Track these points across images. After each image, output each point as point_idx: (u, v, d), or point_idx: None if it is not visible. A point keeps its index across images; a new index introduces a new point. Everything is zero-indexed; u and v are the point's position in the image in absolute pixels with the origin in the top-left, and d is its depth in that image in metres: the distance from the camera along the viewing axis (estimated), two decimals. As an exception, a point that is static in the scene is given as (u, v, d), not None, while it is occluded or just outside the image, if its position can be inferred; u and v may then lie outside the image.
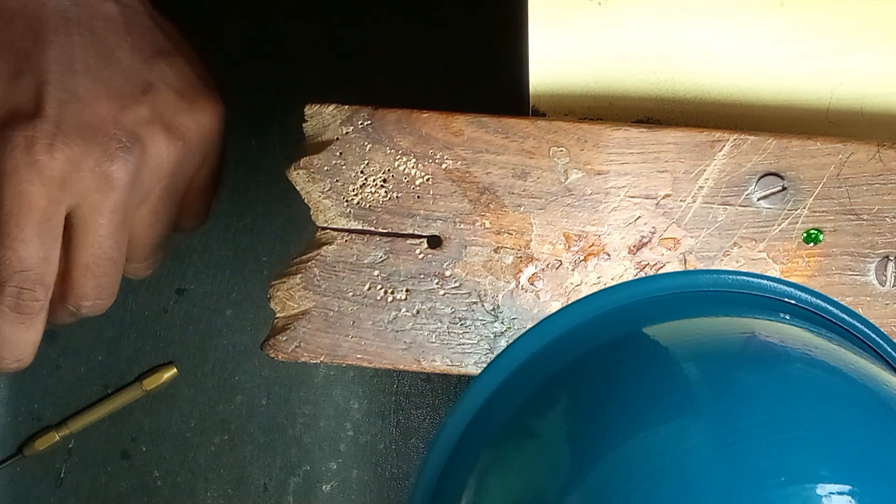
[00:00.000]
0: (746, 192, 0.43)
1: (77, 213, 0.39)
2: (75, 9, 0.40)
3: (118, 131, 0.39)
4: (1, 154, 0.37)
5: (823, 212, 0.43)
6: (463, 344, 0.44)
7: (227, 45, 0.80)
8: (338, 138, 0.43)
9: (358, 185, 0.44)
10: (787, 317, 0.36)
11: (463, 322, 0.44)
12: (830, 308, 0.37)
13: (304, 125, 0.44)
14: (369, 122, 0.43)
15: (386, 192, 0.44)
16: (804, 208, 0.43)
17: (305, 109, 0.44)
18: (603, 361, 0.34)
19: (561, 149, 0.43)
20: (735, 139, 0.43)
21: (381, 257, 0.44)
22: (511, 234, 0.44)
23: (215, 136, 0.43)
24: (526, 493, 0.31)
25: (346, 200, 0.44)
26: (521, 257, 0.44)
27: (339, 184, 0.44)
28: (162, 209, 0.42)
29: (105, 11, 0.40)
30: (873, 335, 0.37)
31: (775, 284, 0.37)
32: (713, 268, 0.43)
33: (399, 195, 0.44)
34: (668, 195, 0.43)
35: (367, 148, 0.43)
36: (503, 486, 0.33)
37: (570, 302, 0.41)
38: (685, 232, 0.43)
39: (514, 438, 0.34)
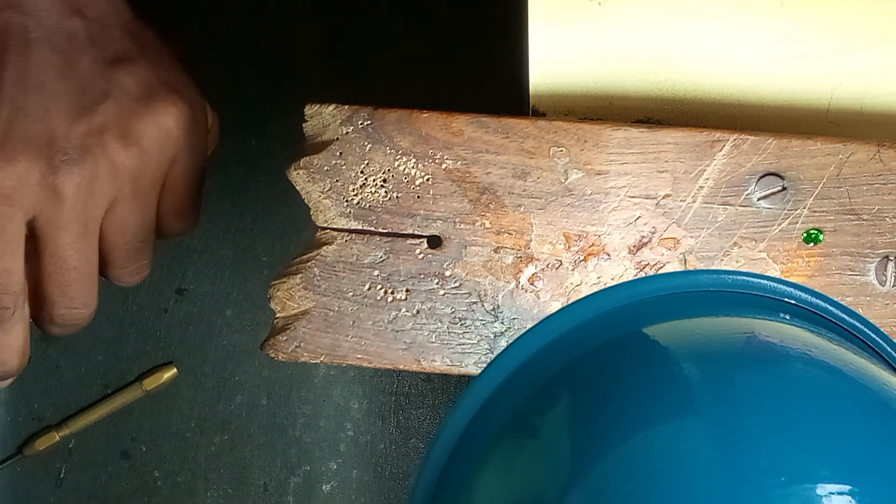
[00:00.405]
0: (746, 192, 0.43)
1: (35, 225, 0.40)
2: (38, 28, 0.40)
3: (67, 144, 0.39)
4: None
5: (823, 212, 0.43)
6: (463, 344, 0.44)
7: (227, 45, 0.80)
8: (338, 138, 0.43)
9: (358, 185, 0.44)
10: (787, 317, 0.36)
11: (463, 322, 0.44)
12: (830, 308, 0.37)
13: (304, 125, 0.44)
14: (369, 122, 0.43)
15: (386, 192, 0.44)
16: (804, 208, 0.43)
17: (305, 109, 0.44)
18: (603, 361, 0.34)
19: (561, 149, 0.43)
20: (735, 139, 0.43)
21: (381, 257, 0.44)
22: (511, 234, 0.44)
23: (179, 135, 0.43)
24: (526, 493, 0.31)
25: (346, 200, 0.44)
26: (521, 257, 0.44)
27: (339, 184, 0.44)
28: (131, 214, 0.42)
29: (68, 28, 0.41)
30: (873, 335, 0.37)
31: (775, 284, 0.37)
32: (713, 268, 0.43)
33: (399, 195, 0.44)
34: (668, 195, 0.43)
35: (367, 148, 0.43)
36: (503, 485, 0.33)
37: (570, 302, 0.41)
38: (685, 232, 0.43)
39: (514, 438, 0.34)
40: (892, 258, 0.43)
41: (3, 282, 0.39)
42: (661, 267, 0.43)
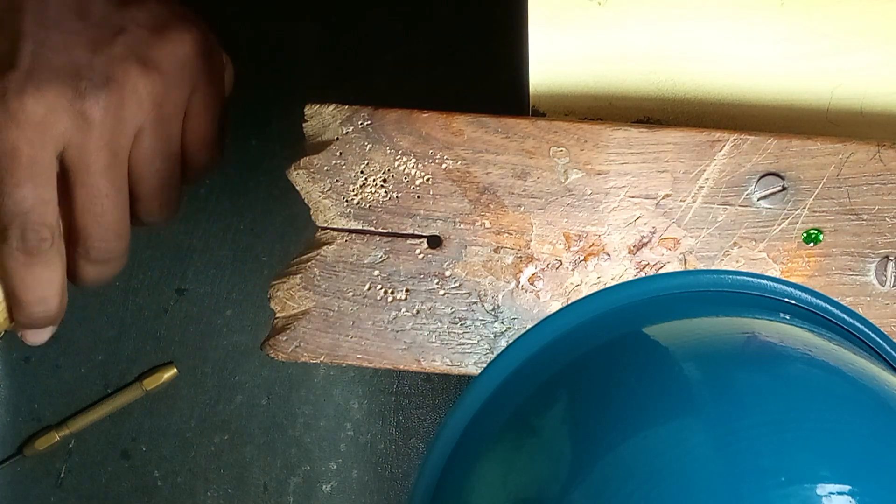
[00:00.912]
0: (746, 192, 0.43)
1: (65, 156, 0.40)
2: None
3: (91, 73, 0.40)
4: None
5: (823, 212, 0.43)
6: (463, 344, 0.44)
7: (227, 46, 0.80)
8: (338, 138, 0.43)
9: (358, 185, 0.44)
10: (787, 317, 0.36)
11: (463, 322, 0.44)
12: (830, 308, 0.37)
13: (304, 125, 0.44)
14: (369, 122, 0.43)
15: (386, 192, 0.44)
16: (804, 208, 0.43)
17: (305, 109, 0.44)
18: (603, 361, 0.34)
19: (561, 149, 0.43)
20: (735, 139, 0.43)
21: (381, 257, 0.44)
22: (511, 234, 0.44)
23: (196, 61, 0.44)
24: (526, 493, 0.31)
25: (346, 200, 0.44)
26: (521, 257, 0.44)
27: (339, 184, 0.44)
28: (158, 142, 0.43)
29: None
30: (873, 335, 0.37)
31: (775, 284, 0.37)
32: (713, 268, 0.43)
33: (399, 195, 0.44)
34: (668, 195, 0.43)
35: (367, 148, 0.43)
36: (503, 486, 0.33)
37: (570, 302, 0.41)
38: (685, 232, 0.43)
39: (515, 438, 0.34)
40: (892, 258, 0.43)
41: (39, 212, 0.40)
42: (661, 267, 0.43)
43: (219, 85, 0.46)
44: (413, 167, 0.43)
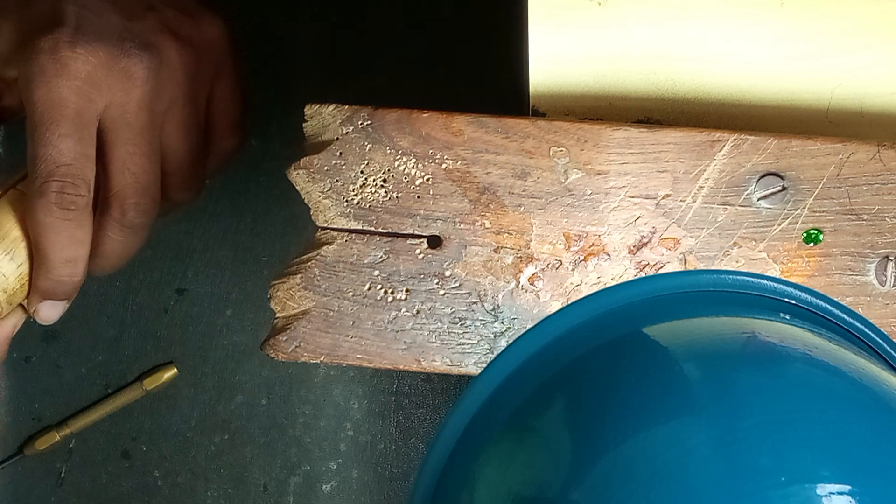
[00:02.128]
0: (746, 192, 0.43)
1: (107, 114, 0.41)
2: None
3: (132, 36, 0.42)
4: (28, 61, 0.40)
5: (823, 212, 0.43)
6: (463, 344, 0.44)
7: (228, 45, 0.80)
8: (338, 138, 0.43)
9: (358, 185, 0.44)
10: (787, 317, 0.36)
11: (463, 322, 0.44)
12: (830, 308, 0.37)
13: (304, 125, 0.44)
14: (369, 122, 0.43)
15: (386, 192, 0.44)
16: (804, 208, 0.43)
17: (305, 109, 0.44)
18: (603, 361, 0.34)
19: (561, 149, 0.43)
20: (735, 139, 0.43)
21: (381, 257, 0.44)
22: (511, 234, 0.44)
23: (223, 45, 0.45)
24: (526, 493, 0.31)
25: (346, 200, 0.44)
26: (521, 257, 0.44)
27: (339, 184, 0.44)
28: (189, 118, 0.44)
29: None
30: (873, 335, 0.37)
31: (775, 284, 0.37)
32: (713, 268, 0.43)
33: (399, 195, 0.44)
34: (668, 195, 0.43)
35: (367, 148, 0.43)
36: (503, 486, 0.33)
37: (570, 302, 0.41)
38: (685, 232, 0.43)
39: (515, 439, 0.34)
40: (892, 258, 0.43)
41: (80, 166, 0.40)
42: (661, 267, 0.43)
43: (242, 71, 0.47)
44: (413, 167, 0.43)
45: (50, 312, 0.43)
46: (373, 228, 0.44)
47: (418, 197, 0.44)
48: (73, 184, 0.40)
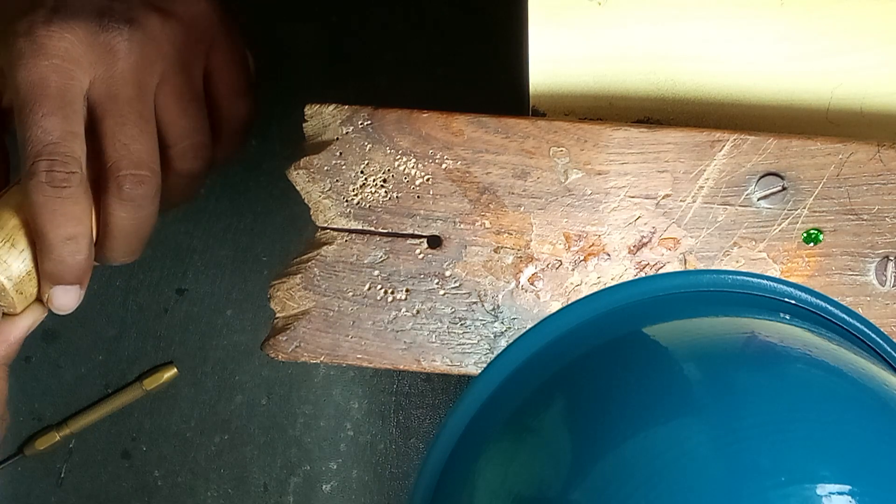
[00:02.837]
0: (746, 192, 0.43)
1: (92, 90, 0.41)
2: None
3: (112, 13, 0.42)
4: (8, 46, 0.40)
5: (823, 212, 0.43)
6: (463, 344, 0.44)
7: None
8: (338, 138, 0.43)
9: (358, 185, 0.44)
10: (787, 317, 0.36)
11: (463, 322, 0.44)
12: (830, 308, 0.37)
13: (304, 125, 0.44)
14: (369, 122, 0.43)
15: (386, 192, 0.44)
16: (804, 208, 0.43)
17: (305, 109, 0.44)
18: (603, 361, 0.34)
19: (561, 149, 0.43)
20: (735, 139, 0.43)
21: (381, 257, 0.44)
22: (511, 234, 0.44)
23: (211, 16, 0.45)
24: (526, 494, 0.31)
25: (346, 200, 0.44)
26: (521, 257, 0.44)
27: (339, 184, 0.44)
28: (183, 88, 0.44)
29: None
30: (873, 335, 0.37)
31: (775, 284, 0.37)
32: (713, 268, 0.43)
33: (399, 195, 0.44)
34: (668, 195, 0.43)
35: (367, 148, 0.43)
36: (503, 486, 0.33)
37: (570, 302, 0.41)
38: (685, 232, 0.43)
39: (515, 439, 0.34)
40: (892, 258, 0.43)
41: (67, 143, 0.40)
42: (661, 267, 0.43)
43: (237, 42, 0.47)
44: (413, 167, 0.43)
45: (63, 299, 0.42)
46: (373, 228, 0.44)
47: (418, 197, 0.44)
48: (62, 161, 0.39)
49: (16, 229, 0.41)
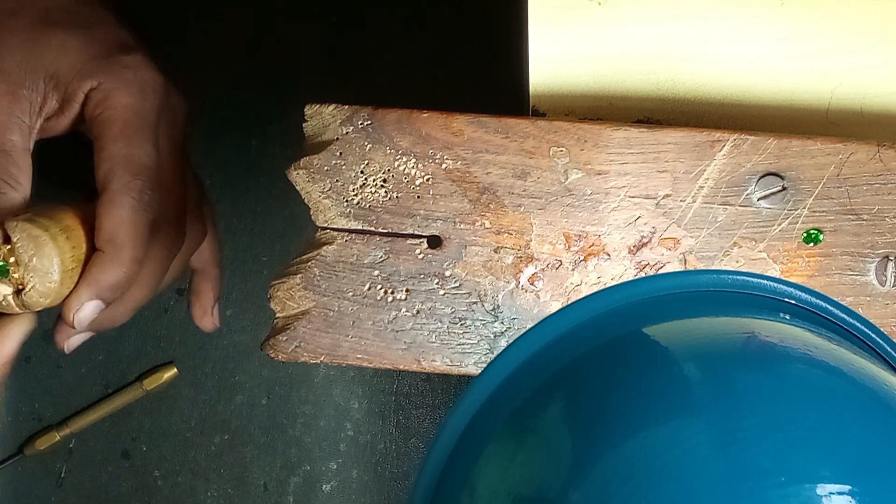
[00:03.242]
0: (746, 192, 0.43)
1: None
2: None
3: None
4: (115, 74, 0.43)
5: (823, 212, 0.43)
6: (463, 344, 0.44)
7: (228, 46, 0.80)
8: (338, 138, 0.43)
9: (358, 185, 0.44)
10: (787, 317, 0.36)
11: (463, 322, 0.44)
12: (830, 308, 0.37)
13: (304, 125, 0.44)
14: (369, 122, 0.43)
15: (386, 192, 0.44)
16: (804, 208, 0.43)
17: (305, 109, 0.44)
18: (603, 361, 0.34)
19: (561, 149, 0.43)
20: (735, 139, 0.43)
21: (381, 257, 0.44)
22: (511, 234, 0.44)
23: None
24: (526, 493, 0.31)
25: (346, 200, 0.44)
26: (521, 257, 0.44)
27: (339, 184, 0.44)
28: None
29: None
30: (873, 335, 0.37)
31: (775, 284, 0.37)
32: (713, 268, 0.43)
33: (399, 195, 0.44)
34: (668, 195, 0.43)
35: (367, 148, 0.43)
36: (503, 486, 0.33)
37: (570, 302, 0.41)
38: (685, 232, 0.43)
39: (515, 439, 0.34)
40: (892, 258, 0.43)
41: (156, 176, 0.41)
42: (661, 267, 0.43)
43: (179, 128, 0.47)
44: (413, 167, 0.43)
45: (89, 315, 0.43)
46: (373, 228, 0.44)
47: (418, 197, 0.44)
48: (152, 189, 0.41)
49: (73, 229, 0.42)
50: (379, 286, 0.44)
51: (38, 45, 0.43)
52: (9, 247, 0.41)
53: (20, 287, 0.42)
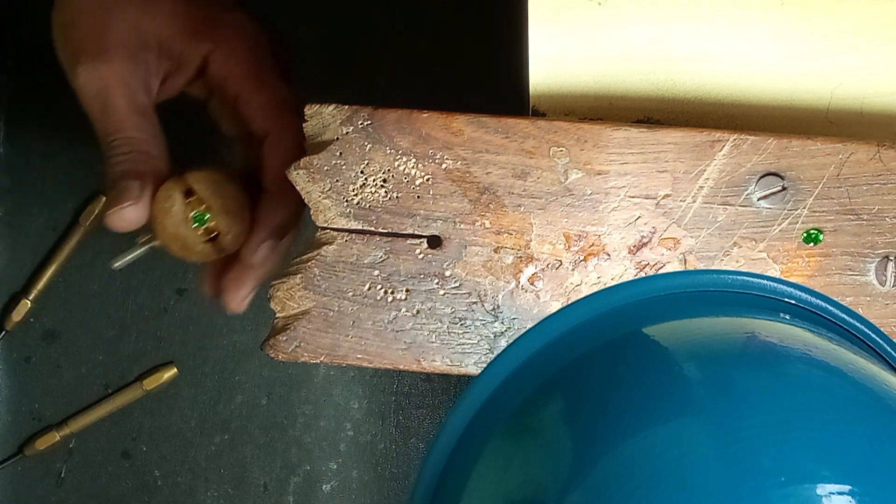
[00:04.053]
0: (746, 192, 0.43)
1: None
2: None
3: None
4: (228, 36, 0.48)
5: (823, 212, 0.43)
6: (463, 344, 0.44)
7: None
8: (338, 138, 0.43)
9: (358, 185, 0.44)
10: (787, 317, 0.36)
11: (463, 322, 0.44)
12: (830, 308, 0.37)
13: (304, 125, 0.44)
14: (369, 122, 0.43)
15: (386, 192, 0.44)
16: (804, 208, 0.43)
17: (305, 109, 0.44)
18: (603, 361, 0.34)
19: (561, 149, 0.43)
20: (735, 139, 0.43)
21: (381, 257, 0.44)
22: (511, 234, 0.44)
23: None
24: (526, 493, 0.31)
25: (346, 200, 0.44)
26: (521, 257, 0.44)
27: (339, 184, 0.44)
28: None
29: None
30: (873, 335, 0.37)
31: (775, 284, 0.37)
32: (713, 268, 0.43)
33: (399, 195, 0.44)
34: (668, 195, 0.43)
35: (367, 148, 0.43)
36: (503, 486, 0.33)
37: (570, 302, 0.41)
38: (685, 232, 0.43)
39: (515, 438, 0.34)
40: (892, 258, 0.43)
41: None
42: (661, 267, 0.43)
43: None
44: (413, 167, 0.43)
45: (265, 256, 0.46)
46: (373, 228, 0.44)
47: (418, 197, 0.44)
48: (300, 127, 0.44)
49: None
50: (379, 286, 0.44)
51: (149, 13, 0.45)
52: (195, 197, 0.44)
53: (214, 234, 0.43)
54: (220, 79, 0.46)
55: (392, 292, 0.44)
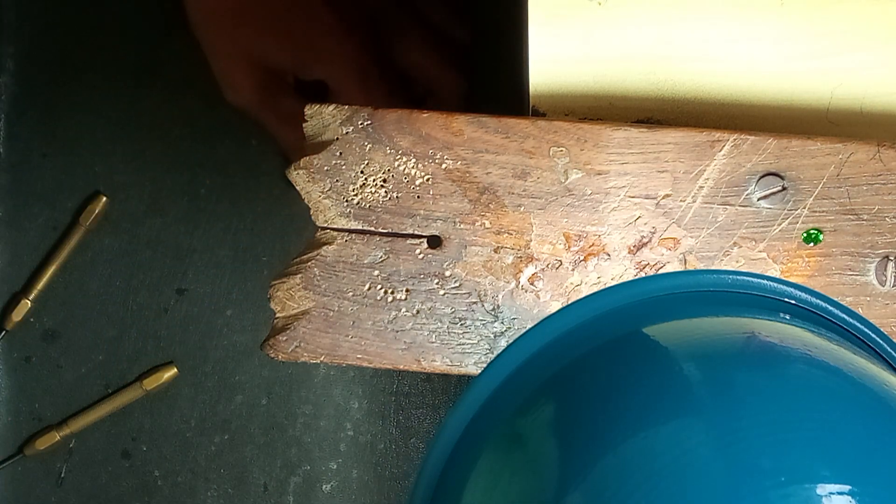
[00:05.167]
0: (746, 192, 0.43)
1: None
2: None
3: None
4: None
5: (823, 212, 0.43)
6: (463, 344, 0.44)
7: (228, 45, 0.80)
8: (338, 138, 0.43)
9: (358, 185, 0.44)
10: (787, 317, 0.36)
11: (463, 322, 0.44)
12: (830, 308, 0.37)
13: (304, 125, 0.44)
14: (369, 122, 0.43)
15: (386, 192, 0.44)
16: (804, 208, 0.43)
17: (305, 109, 0.44)
18: (603, 361, 0.34)
19: (561, 149, 0.43)
20: (735, 139, 0.43)
21: (381, 257, 0.44)
22: (511, 234, 0.44)
23: None
24: (526, 493, 0.31)
25: (346, 200, 0.44)
26: (521, 257, 0.44)
27: (339, 184, 0.44)
28: None
29: None
30: (873, 335, 0.37)
31: (775, 284, 0.37)
32: (713, 268, 0.43)
33: (399, 195, 0.44)
34: (668, 195, 0.43)
35: (367, 148, 0.43)
36: (503, 485, 0.33)
37: (570, 302, 0.41)
38: (685, 232, 0.43)
39: (515, 438, 0.34)
40: (892, 258, 0.43)
41: None
42: (661, 267, 0.43)
43: None
44: (413, 167, 0.43)
45: None
46: (373, 228, 0.44)
47: (418, 197, 0.44)
48: None
49: None
50: (379, 286, 0.44)
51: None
52: None
53: None
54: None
55: (392, 292, 0.44)
